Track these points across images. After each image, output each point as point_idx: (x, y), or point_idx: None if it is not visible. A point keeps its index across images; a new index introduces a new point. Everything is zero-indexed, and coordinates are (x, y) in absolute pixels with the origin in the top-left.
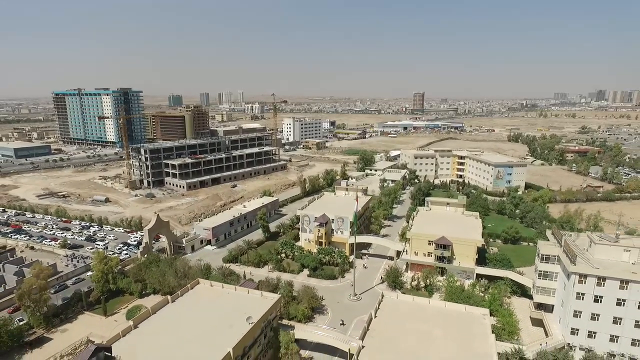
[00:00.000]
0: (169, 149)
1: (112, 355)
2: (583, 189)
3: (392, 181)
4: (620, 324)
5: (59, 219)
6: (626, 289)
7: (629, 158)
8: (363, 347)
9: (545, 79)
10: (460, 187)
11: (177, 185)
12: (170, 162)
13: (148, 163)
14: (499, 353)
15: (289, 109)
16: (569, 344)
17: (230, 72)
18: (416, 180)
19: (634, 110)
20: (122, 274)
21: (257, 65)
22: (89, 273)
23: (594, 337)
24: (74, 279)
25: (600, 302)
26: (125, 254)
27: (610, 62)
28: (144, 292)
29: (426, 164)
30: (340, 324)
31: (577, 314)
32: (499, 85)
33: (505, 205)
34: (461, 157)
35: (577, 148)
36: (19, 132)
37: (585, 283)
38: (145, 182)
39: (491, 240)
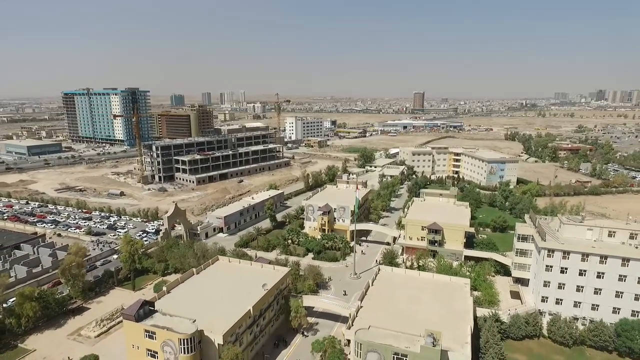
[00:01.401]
0: (179, 146)
1: (155, 309)
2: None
3: (391, 176)
4: (582, 291)
5: (79, 210)
6: (586, 261)
7: (619, 155)
8: (361, 307)
9: (546, 79)
10: (456, 182)
11: (187, 180)
12: (180, 158)
13: (159, 159)
14: (479, 317)
15: (290, 108)
16: (539, 310)
17: (231, 72)
18: (414, 176)
19: (633, 109)
20: (146, 256)
21: (257, 65)
22: (115, 256)
23: (561, 304)
24: (101, 260)
25: (566, 273)
26: (145, 240)
27: (610, 62)
28: (166, 271)
29: (423, 160)
30: (343, 294)
31: (546, 284)
32: (500, 85)
33: (496, 198)
34: (457, 154)
35: (569, 146)
36: (27, 131)
37: (553, 257)
38: (156, 177)
39: (481, 229)
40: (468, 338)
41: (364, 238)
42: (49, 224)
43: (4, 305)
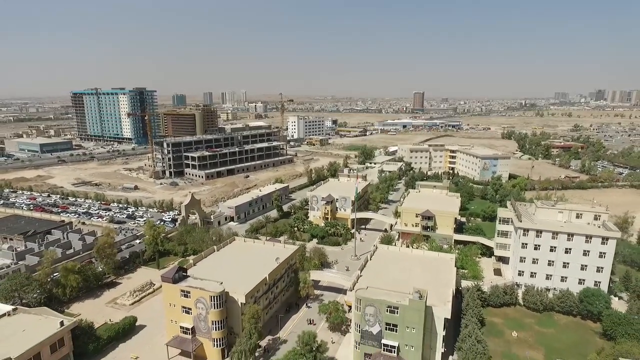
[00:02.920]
0: (189, 143)
1: (187, 274)
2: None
3: (390, 172)
4: (552, 265)
5: (98, 202)
6: (556, 239)
7: (609, 153)
8: (361, 276)
9: (546, 79)
10: (451, 177)
11: (196, 175)
12: (190, 154)
13: (170, 155)
14: (463, 288)
15: (292, 108)
16: (516, 282)
17: (231, 71)
18: (411, 172)
19: (631, 109)
20: (167, 239)
21: (258, 65)
22: (137, 241)
23: (535, 277)
24: (125, 245)
25: (539, 249)
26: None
27: (610, 62)
28: (185, 253)
29: (421, 157)
30: (346, 270)
31: (522, 260)
32: (500, 85)
33: (488, 191)
34: (453, 151)
35: (562, 144)
36: (36, 130)
37: (528, 235)
38: (167, 172)
39: (472, 218)
40: (450, 298)
41: (363, 227)
42: (73, 214)
43: (50, 277)
